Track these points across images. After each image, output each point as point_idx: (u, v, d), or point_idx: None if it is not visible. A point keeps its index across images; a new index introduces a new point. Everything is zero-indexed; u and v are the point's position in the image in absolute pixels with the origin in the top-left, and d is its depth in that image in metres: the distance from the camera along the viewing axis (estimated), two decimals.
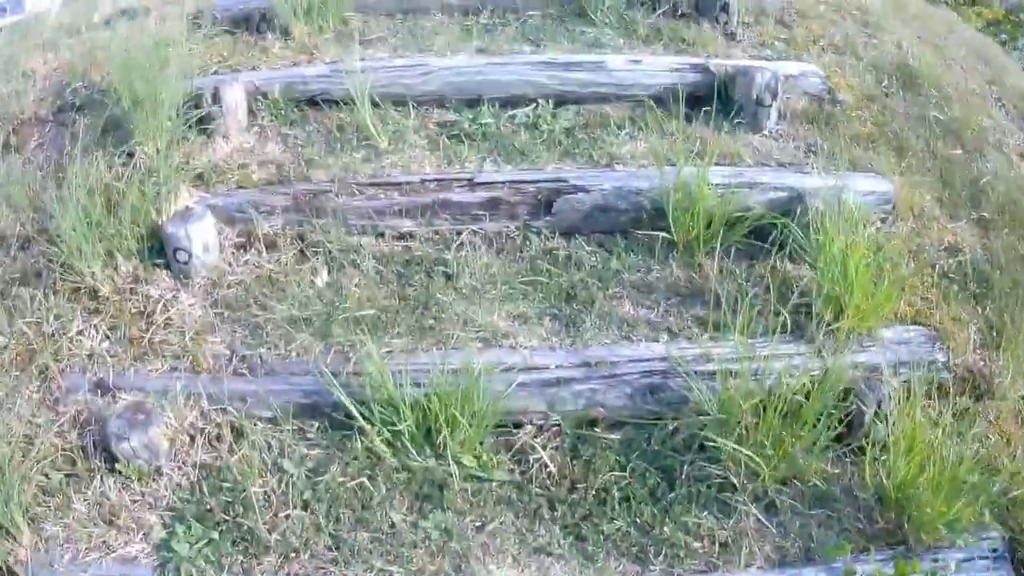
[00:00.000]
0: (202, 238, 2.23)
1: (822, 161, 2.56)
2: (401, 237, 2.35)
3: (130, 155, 2.40)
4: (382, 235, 2.35)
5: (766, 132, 2.62)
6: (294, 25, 2.85)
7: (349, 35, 2.88)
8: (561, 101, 2.66)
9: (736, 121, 2.62)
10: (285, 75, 2.68)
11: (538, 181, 2.37)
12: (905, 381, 2.05)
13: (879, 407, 1.97)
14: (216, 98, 2.54)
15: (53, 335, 2.09)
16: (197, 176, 2.42)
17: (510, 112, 2.61)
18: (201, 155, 2.49)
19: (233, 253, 2.34)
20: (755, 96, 2.59)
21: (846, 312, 2.10)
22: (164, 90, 2.44)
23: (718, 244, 2.26)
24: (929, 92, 3.00)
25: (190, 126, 2.50)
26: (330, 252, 2.30)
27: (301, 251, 2.33)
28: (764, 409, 1.89)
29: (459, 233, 2.34)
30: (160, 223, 2.24)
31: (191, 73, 2.61)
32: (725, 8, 2.95)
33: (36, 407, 1.98)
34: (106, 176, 2.32)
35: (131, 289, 2.19)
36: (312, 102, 2.66)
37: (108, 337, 2.10)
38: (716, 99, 2.63)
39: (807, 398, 1.92)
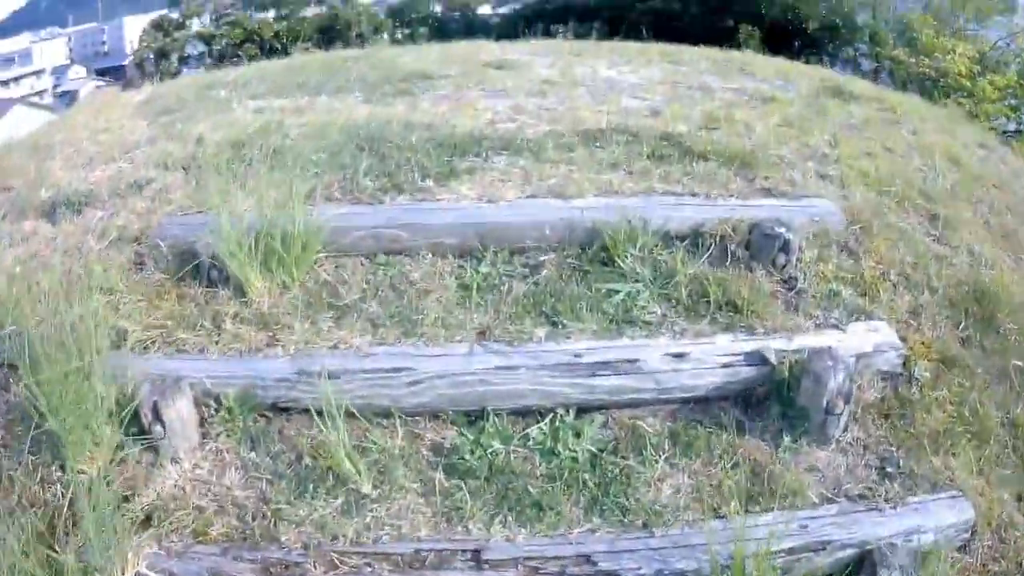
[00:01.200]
0: None
1: (897, 486, 2.11)
2: None
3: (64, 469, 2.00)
4: None
5: (834, 444, 2.16)
6: (250, 281, 2.27)
7: (317, 295, 2.29)
8: (585, 408, 2.16)
9: (800, 431, 2.14)
10: (241, 373, 2.15)
11: (561, 558, 1.91)
12: None
13: None
14: (157, 413, 2.03)
15: None
16: (145, 518, 1.96)
17: (522, 431, 2.10)
18: (147, 485, 2.03)
19: None
20: (824, 404, 2.10)
21: None
22: (94, 393, 2.01)
23: None
24: (1007, 324, 2.60)
25: (131, 436, 2.04)
26: None
27: None
28: None
29: None
30: None
31: (128, 347, 2.22)
32: (785, 248, 2.38)
33: None
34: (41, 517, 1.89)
35: None
36: (275, 406, 2.15)
37: None
38: (776, 401, 2.15)
39: None
